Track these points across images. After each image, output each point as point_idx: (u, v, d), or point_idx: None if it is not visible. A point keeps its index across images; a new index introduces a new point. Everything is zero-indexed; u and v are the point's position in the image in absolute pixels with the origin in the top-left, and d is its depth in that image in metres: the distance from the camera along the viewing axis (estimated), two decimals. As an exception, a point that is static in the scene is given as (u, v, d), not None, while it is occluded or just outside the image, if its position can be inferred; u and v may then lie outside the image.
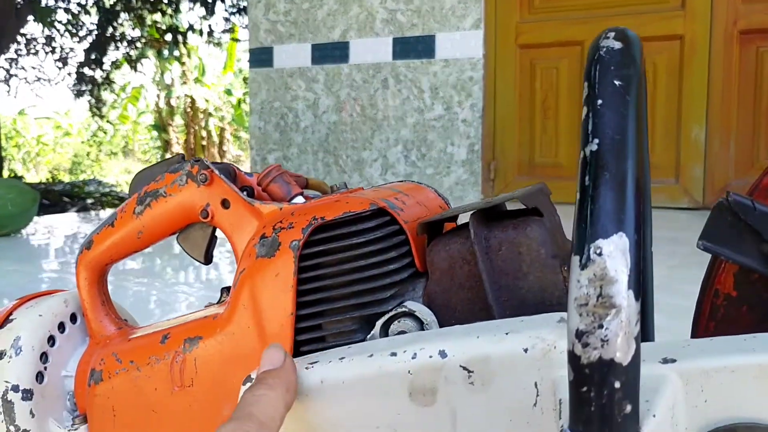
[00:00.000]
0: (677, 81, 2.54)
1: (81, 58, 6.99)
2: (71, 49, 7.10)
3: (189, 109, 10.53)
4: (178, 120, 10.78)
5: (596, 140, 0.30)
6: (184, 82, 10.37)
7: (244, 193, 0.47)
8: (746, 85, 2.46)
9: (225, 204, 0.47)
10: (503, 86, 2.80)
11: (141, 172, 0.50)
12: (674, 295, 1.29)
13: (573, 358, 0.28)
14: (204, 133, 10.67)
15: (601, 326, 0.27)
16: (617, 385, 0.27)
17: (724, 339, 0.35)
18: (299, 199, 0.47)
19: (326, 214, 0.42)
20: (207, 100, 10.57)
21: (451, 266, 0.41)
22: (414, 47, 2.87)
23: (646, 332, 0.44)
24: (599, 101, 0.31)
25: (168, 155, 10.44)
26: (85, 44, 6.93)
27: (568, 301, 0.28)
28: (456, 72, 2.81)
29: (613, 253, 0.28)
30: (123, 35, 7.16)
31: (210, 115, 10.70)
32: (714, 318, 0.39)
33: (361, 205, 0.42)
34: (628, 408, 0.28)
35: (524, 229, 0.40)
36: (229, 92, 10.85)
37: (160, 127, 10.83)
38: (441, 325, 0.41)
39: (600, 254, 0.28)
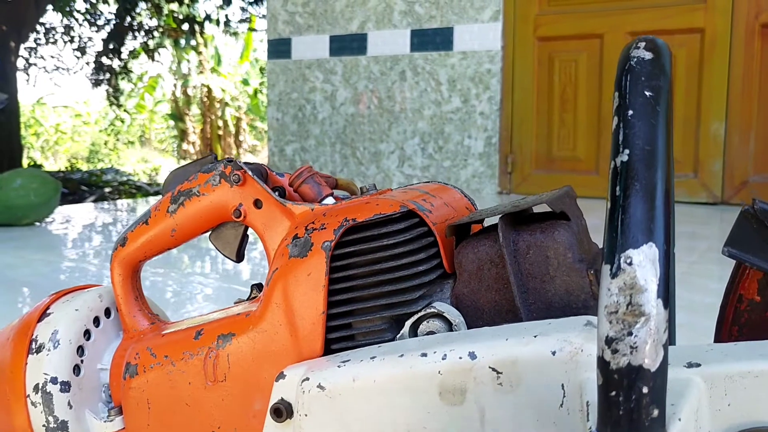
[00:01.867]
0: (697, 75, 2.52)
1: (99, 47, 7.05)
2: (89, 39, 7.16)
3: (205, 99, 10.58)
4: (195, 109, 10.83)
5: (627, 151, 0.31)
6: (201, 72, 10.41)
7: (276, 193, 0.48)
8: (767, 80, 2.43)
9: (257, 204, 0.48)
10: (521, 79, 2.79)
11: (174, 171, 0.52)
12: (694, 290, 1.29)
13: (602, 364, 0.29)
14: (220, 123, 10.72)
15: (630, 333, 0.28)
16: (645, 390, 0.28)
17: (748, 344, 0.36)
18: (330, 200, 0.48)
19: (357, 215, 0.43)
20: (223, 90, 10.61)
21: (480, 268, 0.42)
22: (432, 39, 2.87)
23: (670, 336, 0.45)
24: (630, 112, 0.32)
25: (184, 145, 10.51)
26: (103, 34, 6.98)
27: (598, 308, 0.29)
28: (474, 64, 2.81)
29: (643, 262, 0.29)
30: (141, 25, 7.20)
31: (226, 104, 10.74)
32: (737, 323, 0.40)
33: (391, 207, 0.43)
34: (655, 412, 0.28)
35: (552, 233, 0.41)
36: (245, 82, 10.87)
37: (177, 116, 10.89)
38: (468, 326, 0.42)
39: (630, 264, 0.29)
